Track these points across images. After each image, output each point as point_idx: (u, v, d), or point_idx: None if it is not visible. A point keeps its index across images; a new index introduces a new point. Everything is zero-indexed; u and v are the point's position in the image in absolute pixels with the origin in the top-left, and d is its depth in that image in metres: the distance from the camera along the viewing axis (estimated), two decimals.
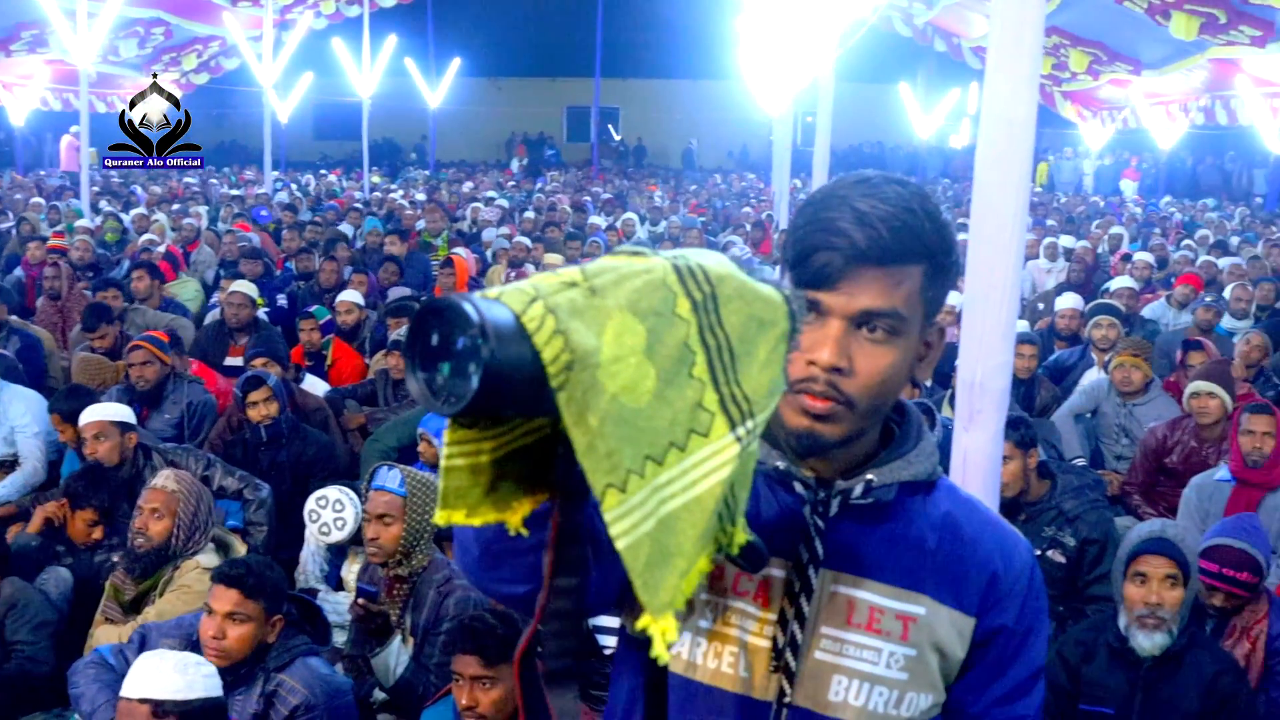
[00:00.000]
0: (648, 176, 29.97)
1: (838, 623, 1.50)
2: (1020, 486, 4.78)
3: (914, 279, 1.42)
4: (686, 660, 1.53)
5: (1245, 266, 12.23)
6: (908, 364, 1.46)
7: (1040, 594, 1.60)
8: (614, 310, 1.03)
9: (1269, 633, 4.21)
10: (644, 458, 1.04)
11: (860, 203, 1.39)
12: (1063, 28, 16.45)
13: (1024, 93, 2.71)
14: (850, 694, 1.49)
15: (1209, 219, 20.00)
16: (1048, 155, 31.94)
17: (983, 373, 2.80)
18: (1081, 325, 8.52)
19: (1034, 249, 13.60)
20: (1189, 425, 6.15)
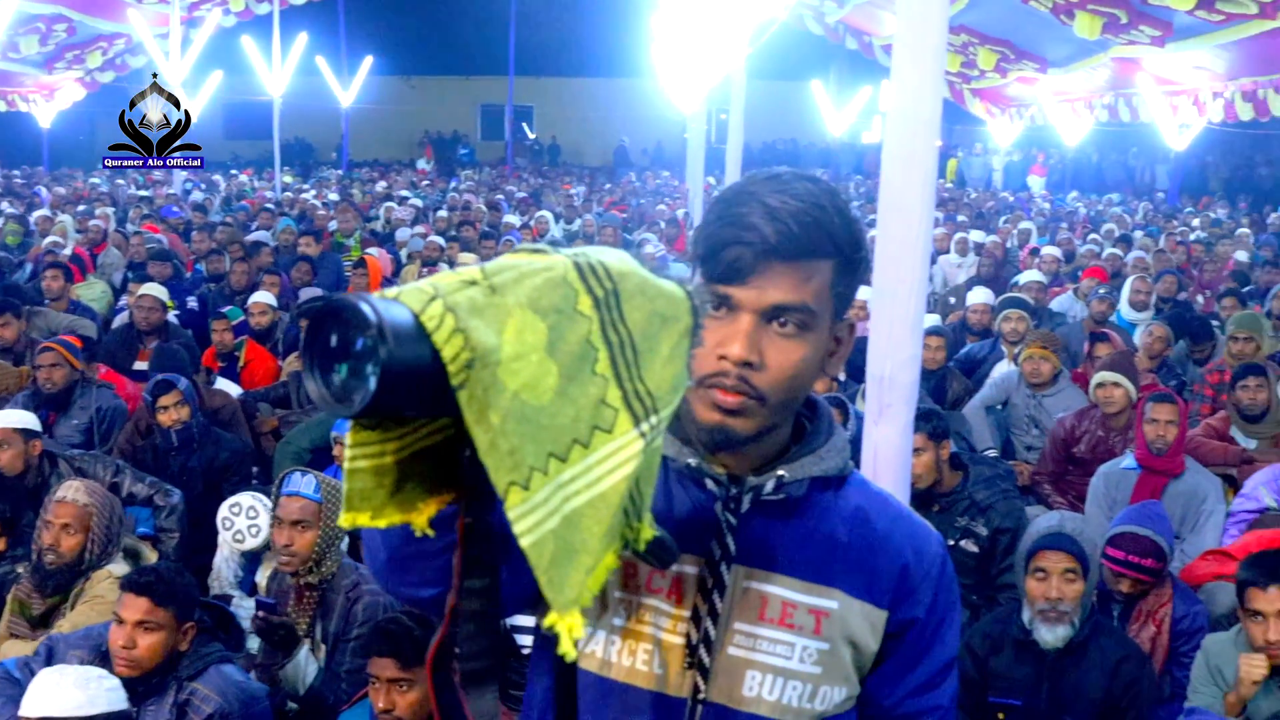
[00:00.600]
0: (563, 175, 29.89)
1: (750, 618, 1.51)
2: (933, 478, 4.84)
3: (824, 274, 1.43)
4: (601, 659, 1.53)
5: (1148, 260, 12.50)
6: (818, 359, 1.47)
7: (951, 586, 1.62)
8: (514, 308, 1.03)
9: (1173, 615, 4.32)
10: (547, 455, 1.04)
11: (771, 199, 1.40)
12: (971, 26, 16.66)
13: (929, 90, 2.75)
14: (764, 689, 1.50)
15: (1114, 214, 20.39)
16: (957, 152, 32.35)
17: (892, 367, 2.84)
18: (991, 319, 8.64)
19: (945, 244, 13.78)
20: (1096, 415, 6.26)
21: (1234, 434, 6.43)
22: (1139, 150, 29.38)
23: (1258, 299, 10.79)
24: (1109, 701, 3.77)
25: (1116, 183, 29.61)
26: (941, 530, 4.76)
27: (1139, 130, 21.66)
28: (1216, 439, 6.41)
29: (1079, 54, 16.50)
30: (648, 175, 29.05)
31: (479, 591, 1.12)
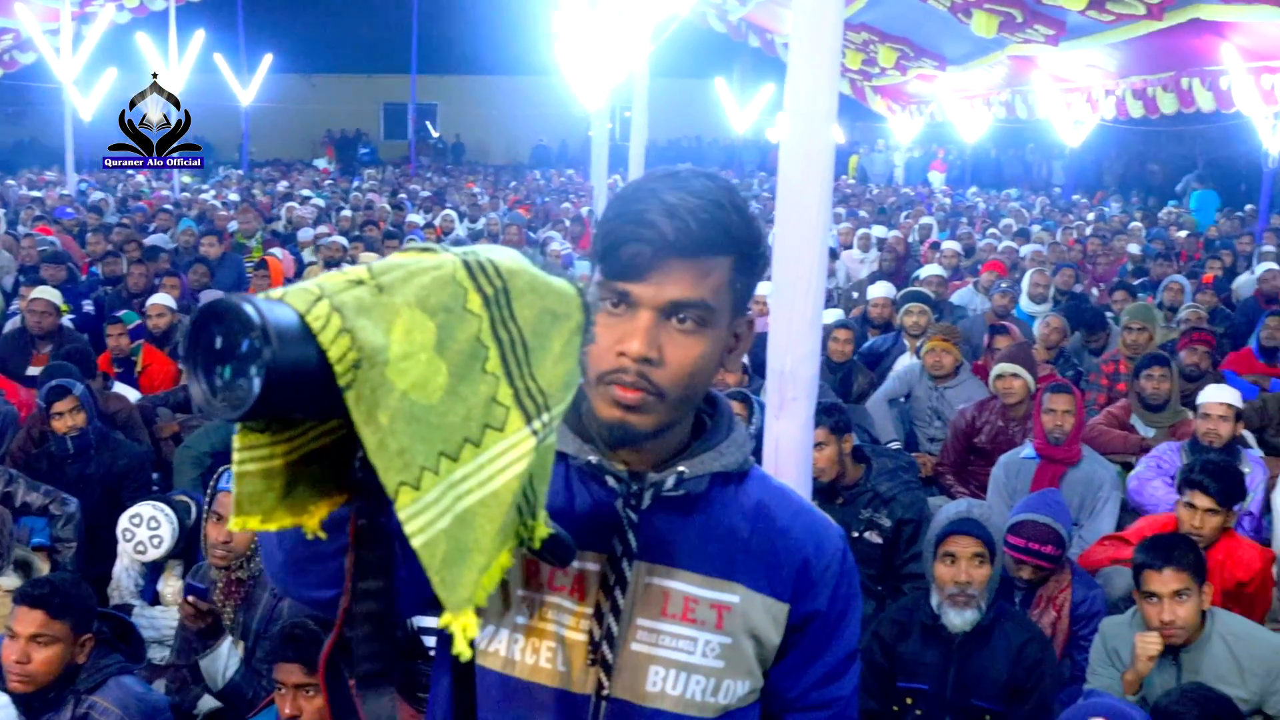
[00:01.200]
0: (467, 173, 29.72)
1: (653, 614, 1.51)
2: (836, 471, 4.89)
3: (722, 270, 1.43)
4: (505, 657, 1.53)
5: (1045, 253, 12.76)
6: (717, 354, 1.48)
7: (852, 578, 1.64)
8: (402, 307, 1.02)
9: (1072, 600, 4.42)
10: (438, 454, 1.04)
11: (669, 195, 1.40)
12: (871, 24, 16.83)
13: (825, 87, 2.77)
14: (668, 684, 1.51)
15: (1012, 208, 20.75)
16: (859, 148, 32.73)
17: (792, 361, 2.86)
18: (893, 313, 8.75)
19: (848, 239, 13.94)
20: (995, 406, 6.38)
21: (1135, 422, 6.59)
22: (1036, 146, 29.90)
23: (1150, 291, 11.06)
24: (1013, 684, 3.85)
25: (1014, 178, 30.13)
26: (845, 522, 4.85)
27: (1035, 127, 22.07)
28: (1118, 428, 6.56)
29: (977, 52, 16.76)
30: (552, 173, 29.00)
31: (373, 593, 1.11)
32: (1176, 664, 3.81)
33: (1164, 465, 5.66)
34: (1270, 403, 6.86)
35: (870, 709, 3.99)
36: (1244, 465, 5.45)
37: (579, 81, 12.09)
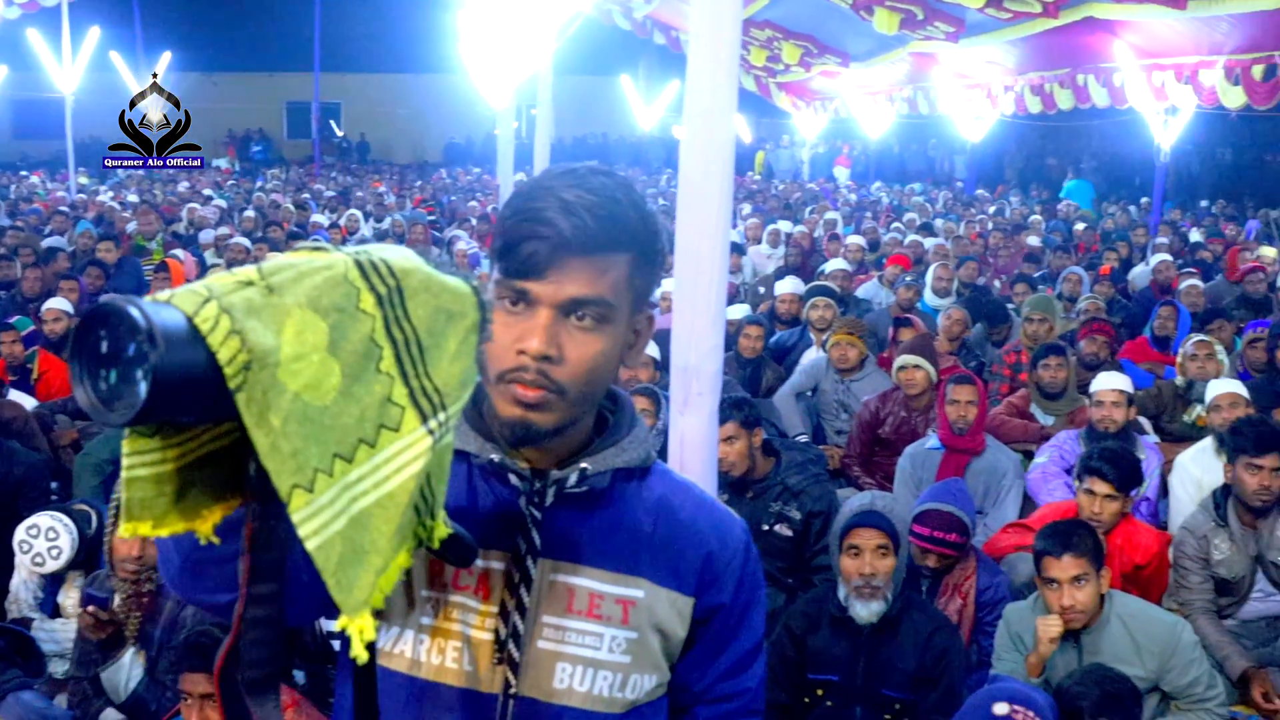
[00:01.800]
0: (372, 173, 29.42)
1: (558, 611, 1.52)
2: (746, 465, 4.92)
3: (621, 267, 1.43)
4: (410, 658, 1.52)
5: (948, 247, 12.95)
6: (617, 351, 1.48)
7: (756, 571, 1.65)
8: (293, 308, 1.01)
9: (977, 587, 4.50)
10: (332, 456, 1.03)
11: (566, 193, 1.40)
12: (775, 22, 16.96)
13: (724, 83, 2.79)
14: (575, 680, 1.52)
15: (916, 202, 21.00)
16: (765, 144, 32.98)
17: (696, 357, 2.87)
18: (800, 307, 8.83)
19: (756, 234, 14.02)
20: (898, 397, 6.46)
21: (1034, 411, 6.72)
22: (938, 142, 30.32)
23: (1049, 283, 11.28)
24: (921, 672, 3.90)
25: (917, 173, 30.53)
26: (756, 516, 4.89)
27: (937, 122, 22.39)
28: (1018, 417, 6.69)
29: (879, 49, 16.97)
30: (459, 172, 28.82)
31: (265, 598, 1.10)
32: (1077, 646, 3.89)
33: (1064, 455, 5.78)
34: (1165, 390, 7.04)
35: (781, 701, 4.03)
36: (1140, 452, 5.57)
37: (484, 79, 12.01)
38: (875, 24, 13.09)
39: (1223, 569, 4.80)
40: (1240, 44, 11.81)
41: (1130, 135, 18.09)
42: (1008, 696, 2.98)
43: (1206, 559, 4.81)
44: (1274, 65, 11.59)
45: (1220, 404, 5.88)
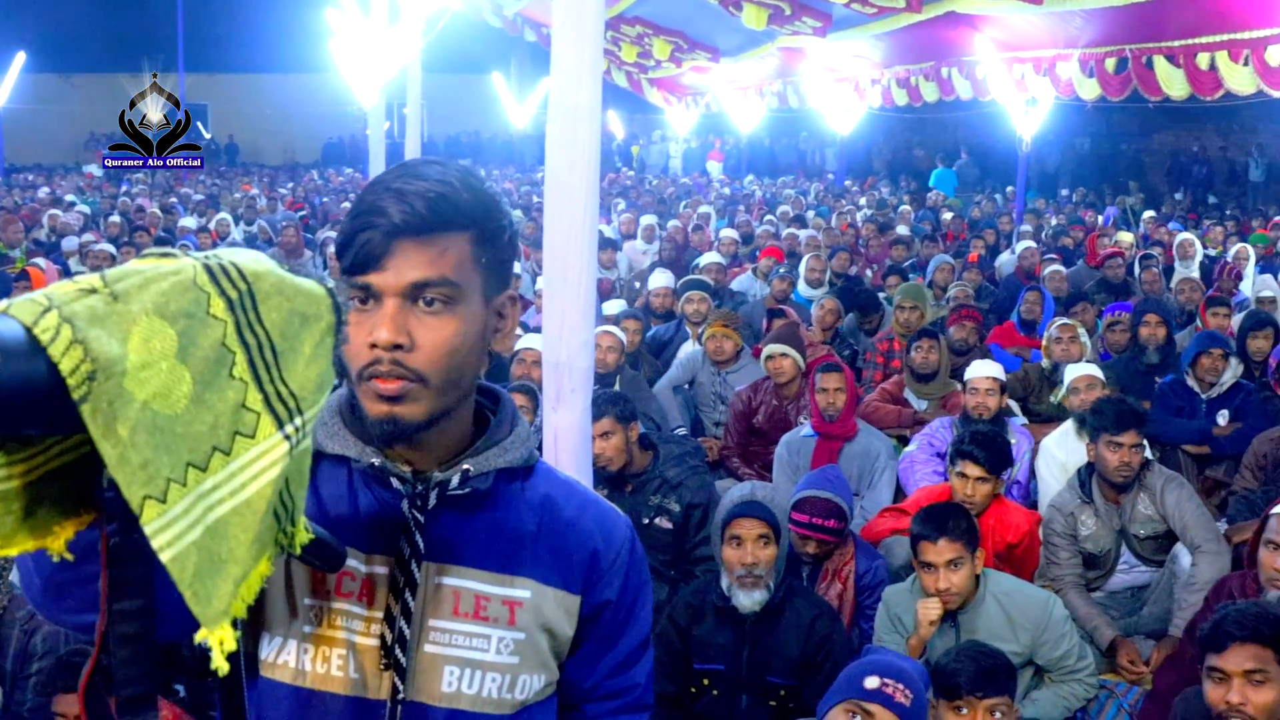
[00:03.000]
0: (242, 175, 28.83)
1: (444, 614, 1.51)
2: (624, 460, 4.93)
3: (460, 246, 1.43)
4: (295, 668, 1.50)
5: (820, 238, 13.14)
6: (476, 333, 1.48)
7: (641, 567, 1.66)
8: (139, 315, 0.98)
9: (856, 571, 4.57)
10: (185, 465, 1.01)
11: (396, 183, 1.41)
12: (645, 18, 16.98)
13: (588, 79, 2.79)
14: (463, 683, 1.51)
15: (788, 195, 21.28)
16: (638, 140, 33.09)
17: (567, 353, 2.87)
18: (674, 301, 8.88)
19: (630, 229, 14.06)
20: (769, 386, 6.53)
21: (907, 396, 6.85)
22: (809, 135, 30.72)
23: (920, 271, 11.51)
24: (805, 659, 3.95)
25: (789, 166, 30.92)
26: (635, 510, 4.90)
27: (808, 115, 22.66)
28: (892, 402, 6.81)
29: (748, 44, 17.10)
30: (330, 173, 28.40)
31: (132, 614, 1.06)
32: (955, 625, 3.99)
33: (935, 442, 5.90)
34: (1032, 373, 7.23)
35: (667, 692, 4.05)
36: (1011, 435, 5.72)
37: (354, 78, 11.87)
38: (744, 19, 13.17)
39: (1089, 544, 4.96)
40: (1094, 38, 12.17)
41: (993, 126, 18.53)
42: (878, 670, 3.03)
43: (1074, 535, 4.96)
44: (1125, 58, 11.96)
45: (1078, 386, 6.07)
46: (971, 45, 13.59)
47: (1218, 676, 3.12)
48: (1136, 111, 20.31)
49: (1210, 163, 23.73)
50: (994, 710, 3.18)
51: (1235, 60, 10.62)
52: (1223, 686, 3.11)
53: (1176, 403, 6.61)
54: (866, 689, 2.98)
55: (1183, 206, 20.18)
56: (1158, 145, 25.31)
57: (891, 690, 2.96)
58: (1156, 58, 11.52)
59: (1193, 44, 11.02)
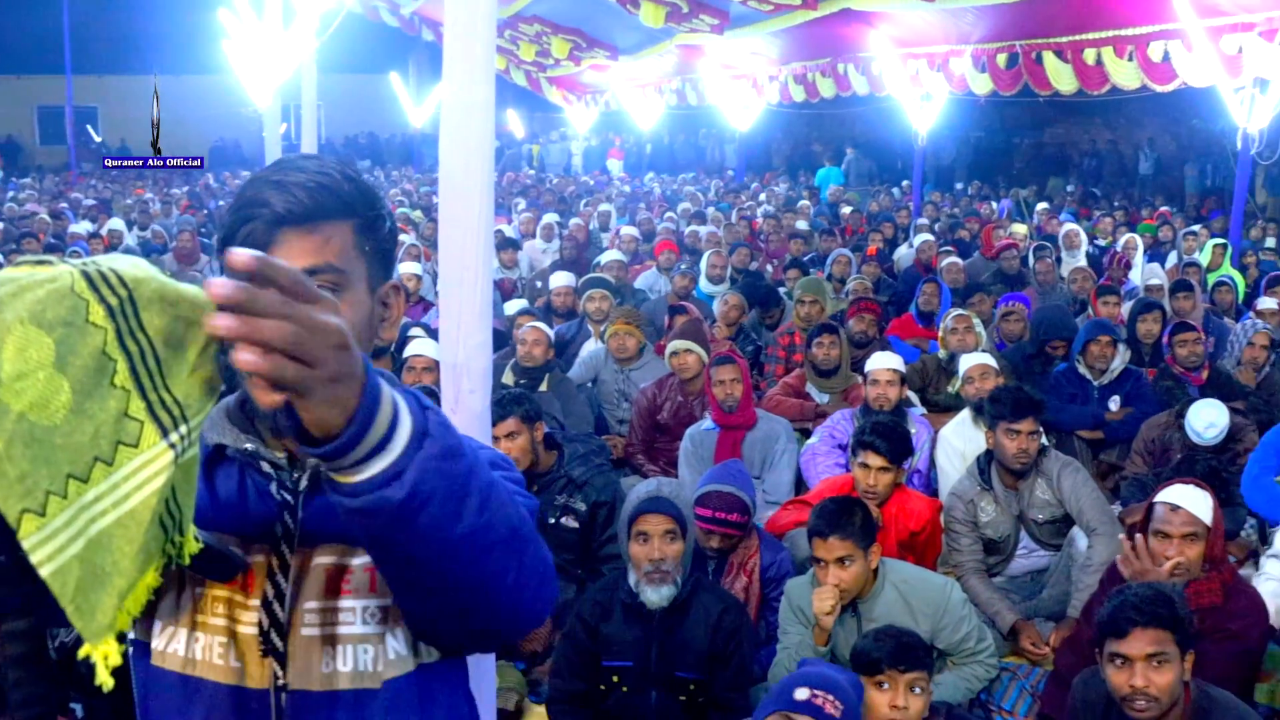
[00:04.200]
0: (135, 179, 28.21)
1: (316, 594, 1.50)
2: (529, 460, 4.92)
3: (343, 234, 1.45)
4: (184, 657, 1.49)
5: (720, 234, 13.22)
6: (363, 322, 1.49)
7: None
8: (14, 324, 0.96)
9: (761, 564, 4.60)
10: (65, 476, 0.98)
11: (276, 176, 1.43)
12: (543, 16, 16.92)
13: (481, 77, 2.77)
14: (339, 661, 1.50)
15: (688, 192, 21.36)
16: (538, 139, 33.02)
17: (465, 354, 2.85)
18: (575, 299, 8.88)
19: (531, 229, 14.03)
20: (673, 382, 6.56)
21: (810, 390, 6.90)
22: (708, 132, 30.85)
23: (819, 265, 11.63)
24: (713, 653, 3.97)
25: (689, 163, 31.04)
26: (542, 509, 4.89)
27: (707, 112, 22.76)
28: (794, 396, 6.87)
29: (647, 41, 17.12)
30: (226, 176, 27.92)
31: (21, 635, 1.04)
32: (856, 614, 4.04)
33: (837, 434, 5.97)
34: (930, 363, 7.34)
35: (578, 690, 4.05)
36: (911, 425, 5.80)
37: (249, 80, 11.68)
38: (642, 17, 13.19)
39: (990, 530, 5.05)
40: (985, 34, 12.40)
41: (890, 121, 18.75)
42: (809, 681, 3.07)
43: (975, 522, 5.05)
44: (1015, 53, 12.21)
45: (972, 376, 6.19)
46: (867, 41, 13.77)
47: (1120, 661, 3.20)
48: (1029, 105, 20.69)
49: (1100, 155, 24.30)
50: (914, 685, 3.25)
51: (1120, 56, 10.91)
52: (1125, 671, 3.18)
53: (1070, 390, 6.77)
54: (796, 700, 3.02)
55: (1074, 198, 20.62)
56: (1050, 139, 25.87)
57: (821, 701, 3.01)
58: (1045, 53, 11.79)
59: (1080, 40, 11.30)
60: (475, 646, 1.59)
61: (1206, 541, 3.83)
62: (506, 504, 1.32)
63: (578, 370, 7.43)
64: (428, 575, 1.30)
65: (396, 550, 1.26)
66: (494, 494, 1.28)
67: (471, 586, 1.32)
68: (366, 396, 1.10)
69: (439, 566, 1.27)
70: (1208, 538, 3.83)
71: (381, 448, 1.14)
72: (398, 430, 1.15)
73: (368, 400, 1.11)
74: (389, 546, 1.26)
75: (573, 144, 31.36)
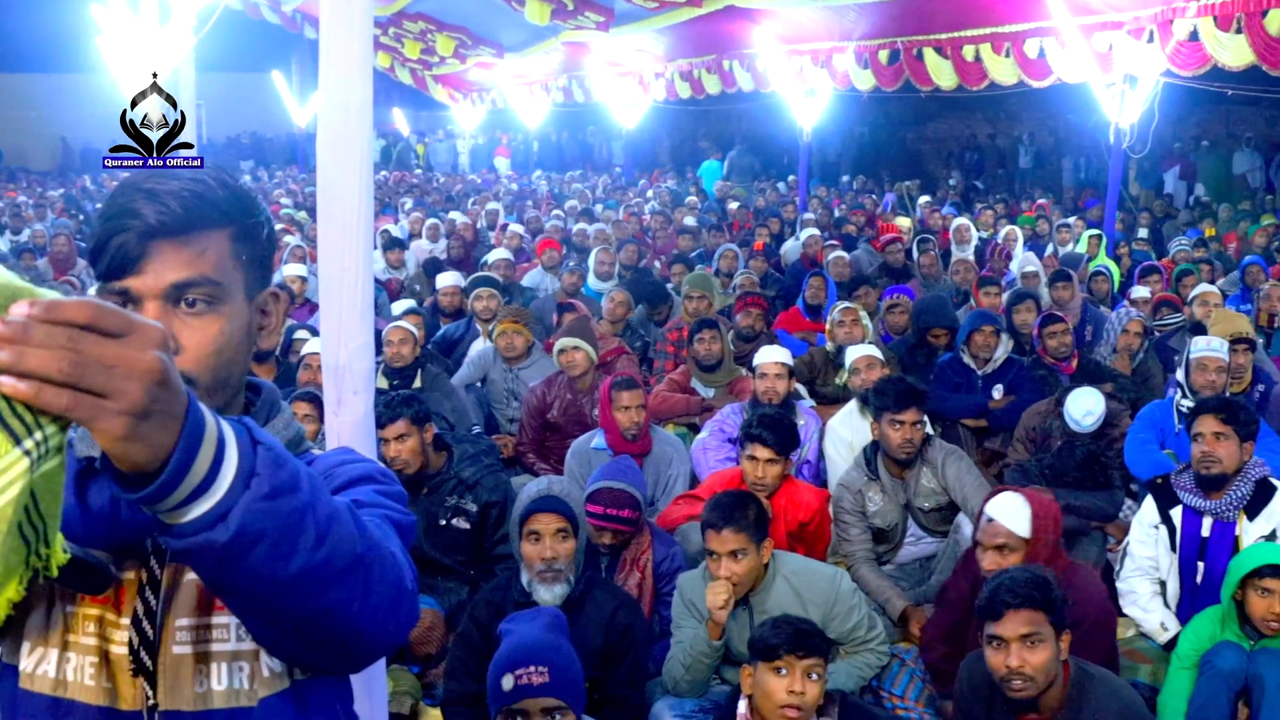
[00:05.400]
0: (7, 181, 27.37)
1: (189, 610, 1.46)
2: (419, 462, 4.88)
3: (220, 244, 1.41)
4: (54, 679, 1.44)
5: (608, 231, 13.23)
6: (241, 332, 1.45)
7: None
8: None
9: (654, 560, 4.61)
10: None
11: (148, 184, 1.38)
12: (428, 14, 16.81)
13: (358, 76, 2.74)
14: (213, 680, 1.46)
15: (576, 189, 21.35)
16: (425, 138, 32.76)
17: (347, 355, 2.81)
18: (463, 299, 8.82)
19: (418, 228, 13.91)
20: (562, 380, 6.53)
21: (695, 385, 6.94)
22: (595, 129, 30.90)
23: (706, 261, 11.69)
24: (608, 650, 3.97)
25: (576, 160, 31.06)
26: (432, 511, 4.86)
27: (594, 110, 22.80)
28: (680, 391, 6.89)
29: (532, 39, 17.11)
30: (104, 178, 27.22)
31: None
32: (748, 607, 4.06)
33: (726, 428, 5.99)
34: (817, 355, 7.43)
35: (473, 690, 4.01)
36: (799, 417, 5.86)
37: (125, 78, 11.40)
38: (527, 14, 13.17)
39: (878, 519, 5.13)
40: (867, 31, 12.61)
41: (776, 117, 18.95)
42: (510, 665, 3.11)
43: (863, 511, 5.12)
44: (897, 50, 12.43)
45: (859, 367, 6.28)
46: (751, 38, 13.91)
47: (996, 643, 3.32)
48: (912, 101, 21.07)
49: (981, 150, 24.82)
50: (810, 672, 3.27)
51: (998, 52, 11.19)
52: (1001, 652, 3.31)
53: (955, 379, 6.90)
54: (505, 691, 3.07)
55: (957, 191, 21.03)
56: (932, 133, 26.34)
57: (526, 679, 3.04)
58: (926, 49, 12.03)
59: (959, 37, 11.56)
60: (334, 669, 1.54)
61: (1024, 553, 3.97)
62: (349, 534, 1.27)
63: (466, 370, 7.38)
64: (265, 610, 1.26)
65: (230, 588, 1.22)
66: (334, 526, 1.24)
67: (314, 618, 1.28)
68: (186, 436, 1.07)
69: (276, 602, 1.24)
70: (1024, 549, 3.98)
71: (204, 489, 1.11)
72: (222, 470, 1.12)
73: (187, 440, 1.07)
74: (221, 585, 1.22)
75: (459, 142, 31.17)
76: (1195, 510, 4.51)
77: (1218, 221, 16.09)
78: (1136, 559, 4.71)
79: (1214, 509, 4.45)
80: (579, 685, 3.22)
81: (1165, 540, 4.62)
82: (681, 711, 4.08)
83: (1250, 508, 4.42)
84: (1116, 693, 3.46)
